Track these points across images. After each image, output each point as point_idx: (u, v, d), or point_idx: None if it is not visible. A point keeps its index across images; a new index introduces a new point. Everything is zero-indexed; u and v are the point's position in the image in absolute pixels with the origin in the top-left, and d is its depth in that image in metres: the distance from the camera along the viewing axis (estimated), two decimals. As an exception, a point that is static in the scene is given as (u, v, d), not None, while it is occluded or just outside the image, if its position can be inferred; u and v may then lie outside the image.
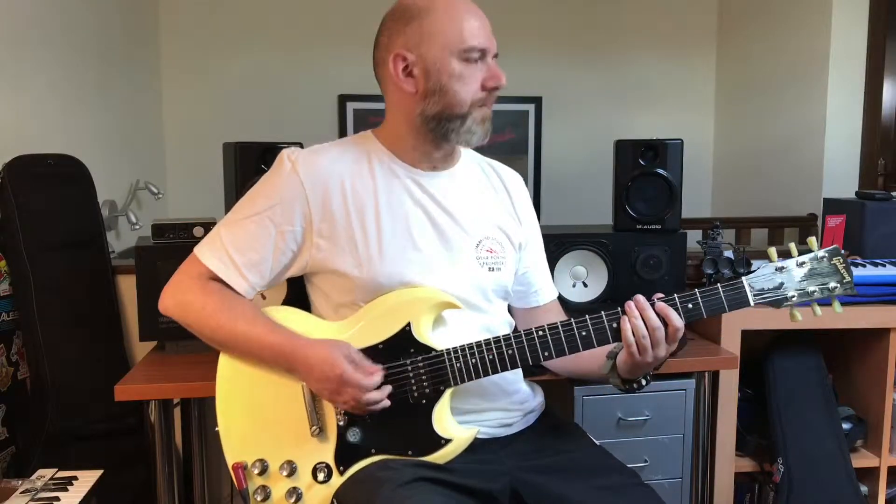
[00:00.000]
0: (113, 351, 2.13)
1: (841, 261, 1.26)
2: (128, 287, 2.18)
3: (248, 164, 1.77)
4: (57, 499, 1.53)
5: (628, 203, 1.96)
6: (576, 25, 4.37)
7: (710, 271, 2.09)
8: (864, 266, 2.09)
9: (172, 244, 1.82)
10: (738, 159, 4.32)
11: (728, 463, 2.03)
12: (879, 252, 2.22)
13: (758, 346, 2.13)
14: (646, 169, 1.95)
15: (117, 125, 3.30)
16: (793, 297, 1.26)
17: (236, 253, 1.31)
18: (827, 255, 1.26)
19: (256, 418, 1.32)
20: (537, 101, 4.34)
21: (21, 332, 2.01)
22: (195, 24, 4.01)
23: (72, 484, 1.60)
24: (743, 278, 1.26)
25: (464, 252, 1.37)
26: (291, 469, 1.29)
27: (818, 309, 1.27)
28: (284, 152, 1.36)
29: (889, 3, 3.30)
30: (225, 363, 1.35)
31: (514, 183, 1.52)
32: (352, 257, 1.32)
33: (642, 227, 1.96)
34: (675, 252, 1.95)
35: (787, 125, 3.79)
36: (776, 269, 1.26)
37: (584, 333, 1.27)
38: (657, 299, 1.25)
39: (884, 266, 2.09)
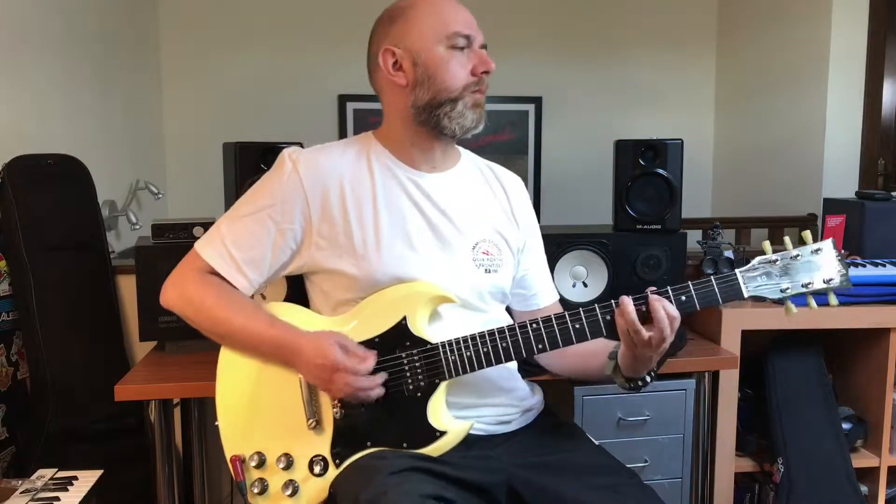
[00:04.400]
0: (113, 351, 2.13)
1: (836, 254, 1.26)
2: (128, 287, 2.18)
3: (248, 164, 1.78)
4: (57, 499, 1.53)
5: (628, 203, 1.96)
6: (576, 25, 4.37)
7: (710, 271, 2.09)
8: (864, 266, 2.09)
9: (172, 244, 1.82)
10: (738, 159, 4.32)
11: (728, 463, 2.03)
12: (879, 252, 2.21)
13: (758, 346, 2.12)
14: (646, 169, 1.95)
15: (117, 125, 3.30)
16: (787, 288, 1.26)
17: (236, 249, 1.33)
18: (822, 247, 1.26)
19: (255, 412, 1.33)
20: (537, 101, 4.33)
21: (21, 332, 2.01)
22: (195, 24, 4.01)
23: (72, 484, 1.60)
24: (737, 270, 1.26)
25: (460, 253, 1.38)
26: (288, 462, 1.30)
27: (814, 303, 1.27)
28: (285, 152, 1.37)
29: (889, 3, 3.30)
30: (225, 358, 1.36)
31: (512, 185, 1.52)
32: (350, 256, 1.33)
33: (642, 227, 1.96)
34: (675, 252, 1.95)
35: (787, 125, 3.79)
36: (770, 262, 1.26)
37: (577, 326, 1.27)
38: (650, 292, 1.25)
39: (884, 266, 2.09)
